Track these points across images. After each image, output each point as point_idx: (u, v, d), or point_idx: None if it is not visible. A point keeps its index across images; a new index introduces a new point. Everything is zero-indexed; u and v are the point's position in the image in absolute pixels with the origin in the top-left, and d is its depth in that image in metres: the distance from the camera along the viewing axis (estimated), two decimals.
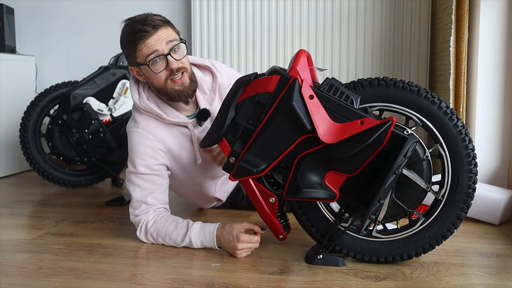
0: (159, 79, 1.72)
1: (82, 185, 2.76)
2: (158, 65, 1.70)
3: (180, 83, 1.73)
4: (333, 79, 1.47)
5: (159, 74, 1.71)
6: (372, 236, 1.56)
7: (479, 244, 1.76)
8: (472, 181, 1.48)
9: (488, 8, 2.27)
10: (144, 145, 1.79)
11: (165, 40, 1.69)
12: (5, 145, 3.10)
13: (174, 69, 1.70)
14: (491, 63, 2.29)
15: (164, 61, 1.69)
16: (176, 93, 1.75)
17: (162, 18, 1.73)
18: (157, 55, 1.68)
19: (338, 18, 2.96)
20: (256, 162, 1.48)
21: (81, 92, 2.63)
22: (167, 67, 1.70)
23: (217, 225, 1.69)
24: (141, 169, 1.78)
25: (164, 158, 1.83)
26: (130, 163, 1.82)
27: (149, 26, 1.67)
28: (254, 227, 1.65)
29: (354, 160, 1.42)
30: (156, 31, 1.68)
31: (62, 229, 1.97)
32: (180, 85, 1.74)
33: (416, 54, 2.90)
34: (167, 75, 1.72)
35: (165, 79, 1.72)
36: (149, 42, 1.67)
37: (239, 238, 1.61)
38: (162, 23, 1.70)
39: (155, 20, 1.69)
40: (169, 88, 1.74)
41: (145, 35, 1.67)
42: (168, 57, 1.69)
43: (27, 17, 3.44)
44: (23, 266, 1.57)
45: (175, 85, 1.73)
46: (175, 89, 1.74)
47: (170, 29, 1.72)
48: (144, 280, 1.45)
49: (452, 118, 1.47)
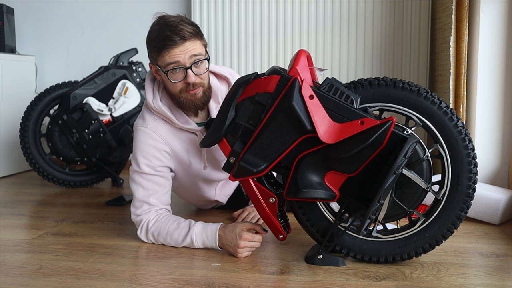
0: (175, 88, 1.73)
1: (82, 185, 2.76)
2: (177, 76, 1.70)
3: (192, 94, 1.73)
4: (333, 79, 1.47)
5: (175, 84, 1.72)
6: (372, 236, 1.56)
7: (479, 244, 1.76)
8: (472, 181, 1.48)
9: (488, 8, 2.27)
10: (150, 145, 1.79)
11: (189, 53, 1.67)
12: (5, 145, 3.10)
13: (191, 83, 1.70)
14: (491, 63, 2.29)
15: (183, 73, 1.69)
16: (188, 102, 1.75)
17: (193, 29, 1.69)
18: (178, 66, 1.68)
19: (338, 18, 2.96)
20: (256, 162, 1.48)
21: (81, 92, 2.63)
22: (185, 79, 1.70)
23: (219, 225, 1.69)
24: (145, 168, 1.78)
25: (168, 161, 1.82)
26: (133, 161, 1.81)
27: (178, 36, 1.65)
28: (256, 227, 1.65)
29: (354, 160, 1.42)
30: (183, 43, 1.66)
31: (62, 229, 1.97)
32: (192, 95, 1.74)
33: (416, 54, 2.90)
34: (183, 86, 1.72)
35: (180, 89, 1.73)
36: (173, 52, 1.66)
37: (242, 236, 1.61)
38: (191, 36, 1.68)
39: (185, 32, 1.66)
40: (182, 97, 1.75)
41: (171, 44, 1.65)
42: (188, 71, 1.69)
43: (27, 17, 3.44)
44: (23, 266, 1.57)
45: (187, 95, 1.74)
46: (187, 99, 1.75)
47: (198, 43, 1.70)
48: (144, 280, 1.45)
49: (452, 118, 1.47)
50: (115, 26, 3.35)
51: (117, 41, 3.31)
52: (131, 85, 2.65)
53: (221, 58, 3.07)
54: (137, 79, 2.67)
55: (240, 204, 2.19)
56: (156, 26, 1.71)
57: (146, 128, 1.80)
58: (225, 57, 3.06)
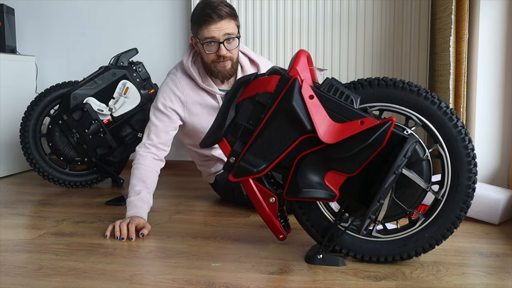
0: (208, 58, 2.06)
1: (82, 185, 2.76)
2: (211, 48, 2.02)
3: (222, 65, 2.07)
4: (333, 79, 1.47)
5: (209, 55, 2.04)
6: (372, 236, 1.56)
7: (479, 244, 1.77)
8: (472, 181, 1.48)
9: (488, 8, 2.27)
10: (170, 89, 2.15)
11: (224, 31, 1.99)
12: (5, 145, 3.10)
13: (222, 56, 2.03)
14: (491, 63, 2.29)
15: (216, 46, 2.02)
16: (217, 71, 2.09)
17: (230, 10, 2.01)
18: (213, 40, 2.00)
19: (338, 18, 2.96)
20: (256, 162, 1.49)
21: (81, 92, 2.63)
22: (217, 51, 2.02)
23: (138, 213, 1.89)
24: (159, 105, 2.13)
25: (179, 107, 2.15)
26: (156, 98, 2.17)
27: (216, 15, 1.97)
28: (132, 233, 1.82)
29: (354, 160, 1.42)
30: (220, 20, 1.97)
31: (62, 229, 1.97)
32: (222, 67, 2.07)
33: (416, 54, 2.90)
34: (214, 58, 2.05)
35: (212, 59, 2.06)
36: (211, 28, 1.98)
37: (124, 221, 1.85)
38: (227, 15, 1.99)
39: (223, 11, 1.98)
40: (212, 66, 2.08)
41: (210, 20, 1.97)
42: (221, 45, 2.01)
43: (27, 17, 3.44)
44: (23, 266, 1.57)
45: (218, 66, 2.07)
46: (217, 69, 2.08)
47: (232, 22, 2.01)
48: (144, 280, 1.45)
49: (452, 118, 1.47)
50: (115, 26, 3.35)
51: (117, 41, 3.31)
52: (131, 85, 2.65)
53: None
54: (137, 79, 2.67)
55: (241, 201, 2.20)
56: (200, 4, 2.04)
57: (174, 77, 2.17)
58: None
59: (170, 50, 3.29)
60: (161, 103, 2.13)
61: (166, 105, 2.13)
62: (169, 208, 2.30)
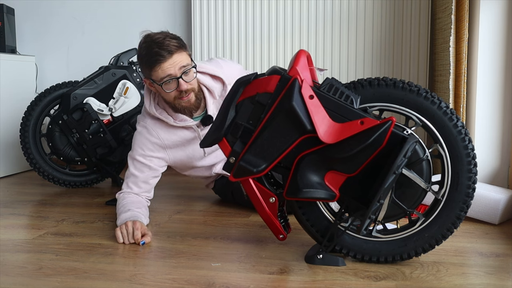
0: (169, 97, 1.97)
1: (82, 185, 2.76)
2: (170, 86, 1.93)
3: (186, 100, 1.98)
4: (333, 79, 1.47)
5: (170, 93, 1.95)
6: (372, 236, 1.56)
7: (479, 244, 1.77)
8: (472, 181, 1.48)
9: (488, 8, 2.27)
10: (144, 137, 2.07)
11: (178, 65, 1.89)
12: (5, 145, 3.10)
13: (183, 90, 1.93)
14: (491, 63, 2.29)
15: (175, 83, 1.92)
16: (182, 108, 2.01)
17: (177, 42, 1.91)
18: (170, 78, 1.90)
19: (338, 18, 2.96)
20: (256, 162, 1.49)
21: (81, 92, 2.63)
22: (177, 87, 1.93)
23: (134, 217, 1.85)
24: (137, 157, 2.06)
25: (160, 153, 2.08)
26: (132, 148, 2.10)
27: (165, 51, 1.87)
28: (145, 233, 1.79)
29: (354, 160, 1.42)
30: (171, 56, 1.88)
31: (62, 229, 1.97)
32: (186, 102, 1.99)
33: (416, 54, 2.90)
34: (176, 94, 1.96)
35: (174, 97, 1.97)
36: (164, 66, 1.88)
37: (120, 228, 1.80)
38: (177, 48, 1.89)
39: (171, 46, 1.88)
40: (176, 103, 2.00)
41: (161, 59, 1.87)
42: (180, 80, 1.91)
43: (27, 17, 3.44)
44: (23, 266, 1.57)
45: (181, 102, 1.98)
46: (182, 105, 2.00)
47: (183, 54, 1.92)
48: (144, 280, 1.45)
49: (452, 118, 1.47)
50: (115, 26, 3.35)
51: (117, 41, 3.31)
52: (131, 85, 2.64)
53: None
54: (137, 79, 2.67)
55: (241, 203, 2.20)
56: (144, 44, 1.92)
57: (145, 124, 2.08)
58: (225, 57, 3.06)
59: None
60: (139, 154, 2.06)
61: (146, 155, 2.06)
62: (169, 208, 2.30)
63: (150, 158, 2.06)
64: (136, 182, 2.05)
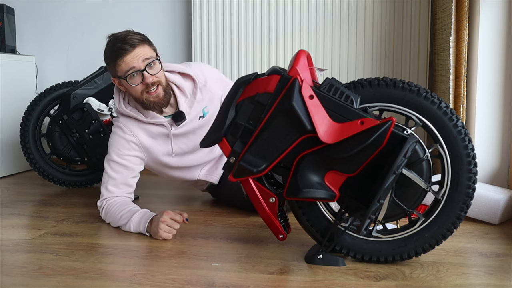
0: (136, 91, 1.95)
1: (82, 185, 2.76)
2: (135, 80, 1.92)
3: (155, 95, 1.96)
4: (333, 79, 1.47)
5: (136, 87, 1.94)
6: (372, 236, 1.56)
7: (479, 244, 1.77)
8: (472, 181, 1.48)
9: (488, 8, 2.27)
10: (119, 136, 2.05)
11: (141, 57, 1.90)
12: (5, 145, 3.10)
13: (149, 83, 1.92)
14: (491, 63, 2.29)
15: (140, 76, 1.91)
16: (151, 103, 1.99)
17: (140, 37, 1.93)
18: (134, 71, 1.90)
19: (338, 18, 2.96)
20: (256, 162, 1.49)
21: (81, 92, 2.63)
22: (143, 81, 1.92)
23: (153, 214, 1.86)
24: (114, 157, 2.03)
25: (137, 151, 2.06)
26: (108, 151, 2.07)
27: (128, 45, 1.88)
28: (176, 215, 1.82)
29: (354, 160, 1.42)
30: (133, 49, 1.89)
31: (63, 229, 1.97)
32: (155, 97, 1.97)
33: (416, 54, 2.90)
34: (143, 88, 1.94)
35: (141, 91, 1.95)
36: (127, 59, 1.89)
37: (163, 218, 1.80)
38: (140, 42, 1.91)
39: (133, 39, 1.90)
40: (145, 99, 1.97)
41: (123, 52, 1.89)
42: (144, 73, 1.91)
43: (27, 17, 3.44)
44: (23, 266, 1.57)
45: (150, 97, 1.96)
46: (150, 100, 1.97)
47: (147, 47, 1.93)
48: (144, 280, 1.45)
49: (452, 118, 1.47)
50: (115, 26, 3.33)
51: None
52: None
53: (221, 58, 3.07)
54: None
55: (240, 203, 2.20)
56: (108, 43, 1.95)
57: (119, 123, 2.07)
58: (225, 57, 3.06)
59: (170, 50, 3.29)
60: (115, 154, 2.03)
61: (122, 154, 2.03)
62: (169, 208, 2.30)
63: (127, 157, 2.04)
64: (116, 184, 2.03)
